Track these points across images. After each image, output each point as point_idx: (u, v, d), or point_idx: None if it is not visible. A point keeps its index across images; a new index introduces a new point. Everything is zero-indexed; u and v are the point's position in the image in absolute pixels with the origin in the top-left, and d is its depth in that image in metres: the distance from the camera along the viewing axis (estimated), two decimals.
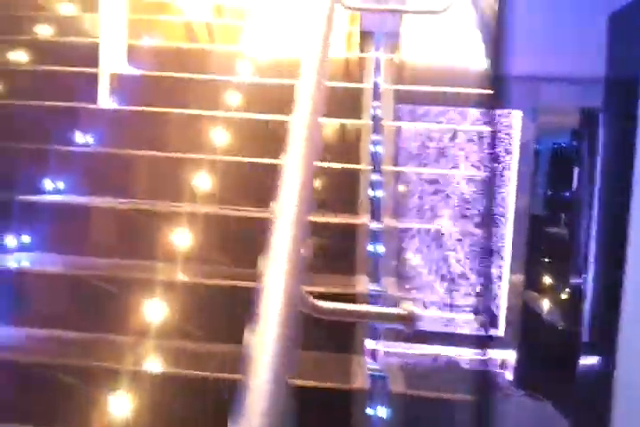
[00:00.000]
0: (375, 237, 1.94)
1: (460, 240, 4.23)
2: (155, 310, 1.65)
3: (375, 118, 2.38)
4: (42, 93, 2.33)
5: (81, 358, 1.52)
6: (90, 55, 2.52)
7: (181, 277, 1.77)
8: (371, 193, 2.09)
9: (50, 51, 2.70)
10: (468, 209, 4.46)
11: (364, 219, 1.94)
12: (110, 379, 1.43)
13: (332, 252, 1.83)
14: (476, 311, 5.18)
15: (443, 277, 3.91)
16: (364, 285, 1.71)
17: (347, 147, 2.22)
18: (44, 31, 2.91)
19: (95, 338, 1.64)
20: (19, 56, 2.64)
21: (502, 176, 4.59)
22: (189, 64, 2.84)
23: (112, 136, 2.29)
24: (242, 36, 3.43)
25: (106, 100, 2.45)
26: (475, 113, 4.16)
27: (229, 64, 2.68)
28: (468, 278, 4.75)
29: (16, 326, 1.68)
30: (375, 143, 2.22)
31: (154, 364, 1.53)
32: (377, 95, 2.45)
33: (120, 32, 2.55)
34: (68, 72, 2.50)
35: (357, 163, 2.21)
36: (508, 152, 4.54)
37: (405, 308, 0.78)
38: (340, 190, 2.04)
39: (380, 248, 1.86)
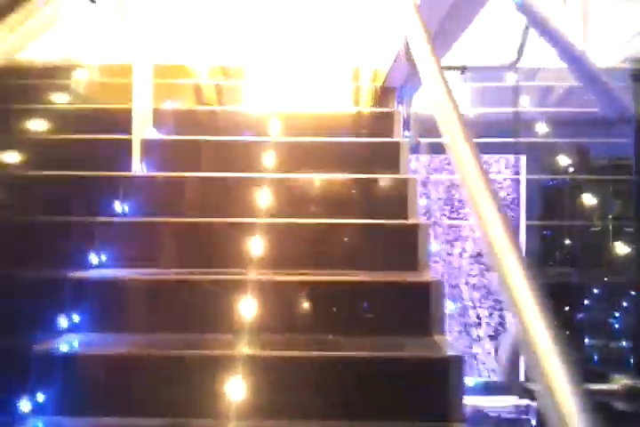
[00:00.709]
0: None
1: (475, 286, 4.21)
2: (231, 388, 1.55)
3: (416, 171, 2.37)
4: (72, 163, 2.27)
5: None
6: (114, 122, 2.49)
7: (251, 350, 1.67)
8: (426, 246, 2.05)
9: (70, 118, 2.65)
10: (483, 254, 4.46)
11: (430, 275, 1.89)
12: None
13: (405, 313, 1.77)
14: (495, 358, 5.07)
15: (463, 324, 3.86)
16: (445, 347, 1.64)
17: (395, 202, 2.19)
18: (59, 99, 2.86)
19: (170, 424, 1.52)
20: (40, 125, 2.58)
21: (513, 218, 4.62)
22: (210, 125, 2.83)
23: (150, 203, 2.22)
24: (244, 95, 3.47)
25: (138, 166, 2.40)
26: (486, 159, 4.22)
27: (260, 124, 2.69)
28: (487, 324, 4.69)
29: (80, 416, 1.55)
30: (423, 196, 2.19)
31: None
32: (413, 148, 2.45)
33: (148, 98, 2.53)
34: (96, 140, 2.44)
35: (406, 217, 2.18)
36: (517, 194, 4.60)
37: (622, 383, 0.72)
38: (397, 247, 2.00)
39: (450, 305, 1.80)
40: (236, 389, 1.52)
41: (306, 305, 1.76)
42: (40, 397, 1.54)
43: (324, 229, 2.03)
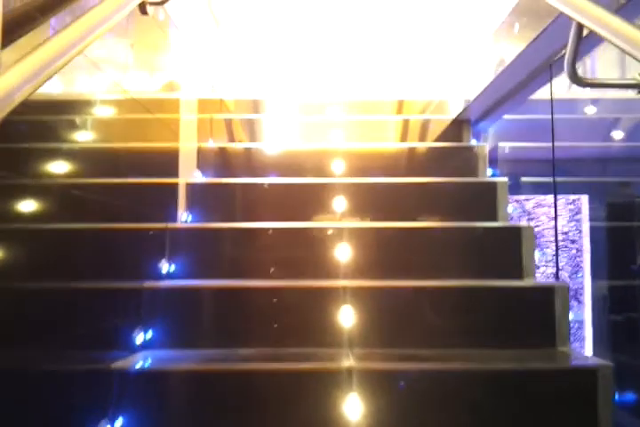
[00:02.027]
0: None
1: None
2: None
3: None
4: (114, 212, 1.86)
5: None
6: (151, 163, 2.10)
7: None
8: None
9: (95, 159, 2.26)
10: None
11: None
12: None
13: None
14: None
15: None
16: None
17: (509, 256, 1.78)
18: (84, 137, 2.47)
19: None
20: (67, 168, 2.19)
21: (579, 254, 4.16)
22: (257, 165, 2.45)
23: (201, 262, 1.81)
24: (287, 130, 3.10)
25: (184, 215, 2.00)
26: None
27: (321, 162, 2.30)
28: None
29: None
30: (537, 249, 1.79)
31: None
32: (511, 189, 2.06)
33: (194, 136, 2.16)
34: (128, 184, 2.04)
35: (521, 277, 1.76)
36: (580, 232, 4.17)
37: None
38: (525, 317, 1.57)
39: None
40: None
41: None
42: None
43: (423, 296, 1.61)
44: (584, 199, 4.18)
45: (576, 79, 1.17)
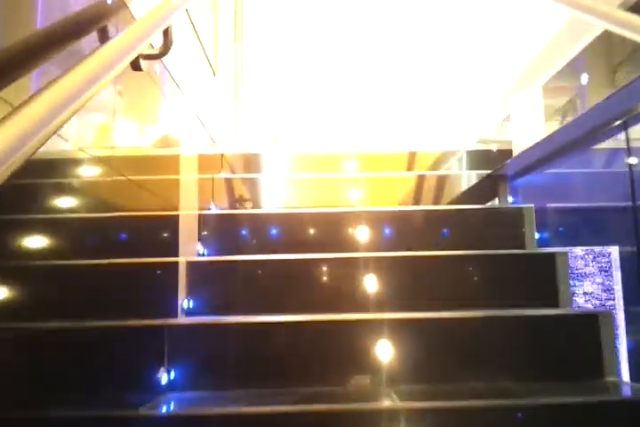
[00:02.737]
0: None
1: None
2: None
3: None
4: (99, 304, 1.52)
5: None
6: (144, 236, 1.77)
7: None
8: None
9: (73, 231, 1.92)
10: None
11: None
12: None
13: None
14: None
15: None
16: None
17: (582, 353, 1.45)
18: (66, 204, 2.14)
19: None
20: (50, 246, 1.85)
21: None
22: (263, 231, 2.12)
23: (211, 369, 1.46)
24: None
25: (186, 303, 1.66)
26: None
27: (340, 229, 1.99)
28: None
29: None
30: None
31: None
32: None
33: (194, 202, 1.84)
34: (127, 265, 1.68)
35: (602, 375, 1.43)
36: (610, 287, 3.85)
37: None
38: None
39: None
40: None
41: None
42: None
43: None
44: (614, 251, 3.87)
45: None
